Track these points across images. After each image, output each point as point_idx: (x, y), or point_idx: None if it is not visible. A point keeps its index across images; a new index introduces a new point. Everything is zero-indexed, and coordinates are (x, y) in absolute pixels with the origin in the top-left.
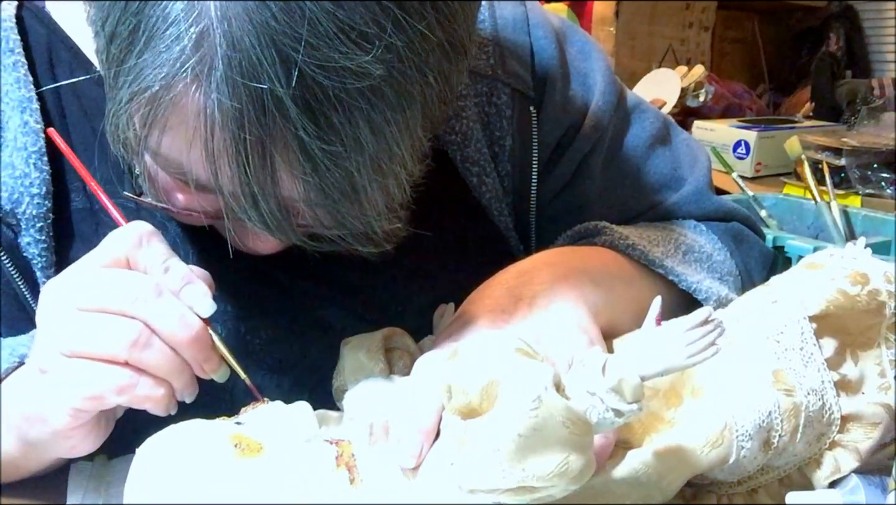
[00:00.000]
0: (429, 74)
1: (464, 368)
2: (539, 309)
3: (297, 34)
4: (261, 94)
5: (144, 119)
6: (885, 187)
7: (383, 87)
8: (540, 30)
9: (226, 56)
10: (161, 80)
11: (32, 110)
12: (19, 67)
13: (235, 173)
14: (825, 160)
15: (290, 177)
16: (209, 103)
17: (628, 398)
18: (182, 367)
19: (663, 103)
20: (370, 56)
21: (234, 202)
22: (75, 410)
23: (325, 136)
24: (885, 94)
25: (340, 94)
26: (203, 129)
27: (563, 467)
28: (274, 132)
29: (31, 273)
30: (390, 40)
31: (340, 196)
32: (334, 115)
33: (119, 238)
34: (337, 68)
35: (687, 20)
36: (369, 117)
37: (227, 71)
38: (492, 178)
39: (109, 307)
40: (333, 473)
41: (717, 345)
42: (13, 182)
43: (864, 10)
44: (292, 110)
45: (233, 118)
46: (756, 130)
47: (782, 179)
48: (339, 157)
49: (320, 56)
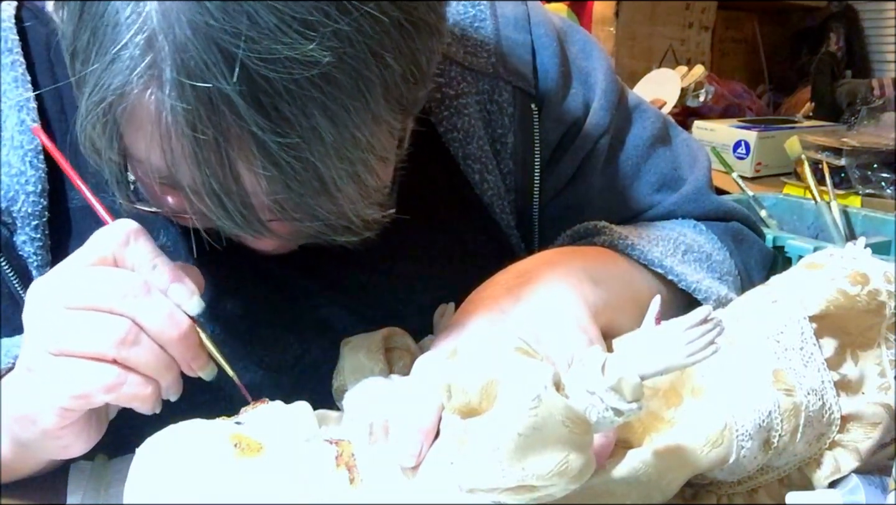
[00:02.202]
0: (386, 57)
1: (463, 367)
2: (539, 309)
3: (236, 30)
4: (208, 93)
5: (105, 128)
6: (885, 187)
7: (335, 74)
8: (541, 28)
9: (172, 60)
10: (114, 89)
11: (30, 109)
12: (17, 67)
13: (196, 174)
14: (825, 160)
15: (250, 173)
16: (162, 108)
17: (628, 397)
18: (170, 364)
19: (663, 103)
20: (315, 44)
21: (199, 203)
22: (62, 410)
23: (280, 128)
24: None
25: (289, 85)
26: (160, 134)
27: (563, 466)
28: (227, 130)
29: (27, 272)
30: (336, 26)
31: (305, 188)
32: (286, 107)
33: (105, 236)
34: (282, 59)
35: (687, 20)
36: (324, 106)
37: (174, 74)
38: (493, 175)
39: (97, 305)
40: (333, 472)
41: (716, 344)
42: (9, 180)
43: (864, 10)
44: (241, 106)
45: (186, 120)
46: (756, 130)
47: (782, 179)
48: (297, 148)
49: (262, 49)
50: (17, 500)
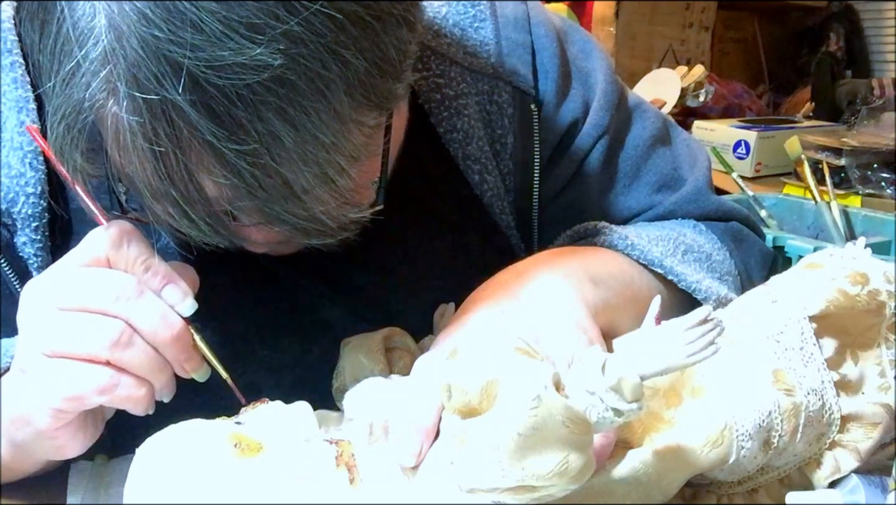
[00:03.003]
0: (345, 53)
1: (463, 367)
2: (539, 309)
3: (182, 39)
4: (162, 104)
5: (69, 143)
6: (885, 187)
7: (288, 76)
8: (541, 28)
9: (123, 74)
10: (74, 105)
11: (29, 110)
12: (17, 68)
13: (158, 187)
14: (825, 160)
15: (212, 182)
16: (119, 122)
17: (628, 398)
18: (163, 366)
19: (663, 103)
20: (262, 47)
21: (165, 214)
22: (56, 411)
23: (235, 136)
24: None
25: (241, 91)
26: (119, 148)
27: (563, 467)
28: (184, 141)
29: (27, 273)
30: (285, 27)
31: (270, 194)
32: (240, 114)
33: (99, 237)
34: (230, 65)
35: (687, 20)
36: (280, 109)
37: (127, 89)
38: (493, 175)
39: (90, 306)
40: (333, 472)
41: (716, 344)
42: (9, 181)
43: (864, 10)
44: (193, 116)
45: (142, 134)
46: (756, 130)
47: (782, 179)
48: (256, 154)
49: (209, 56)
50: (17, 500)
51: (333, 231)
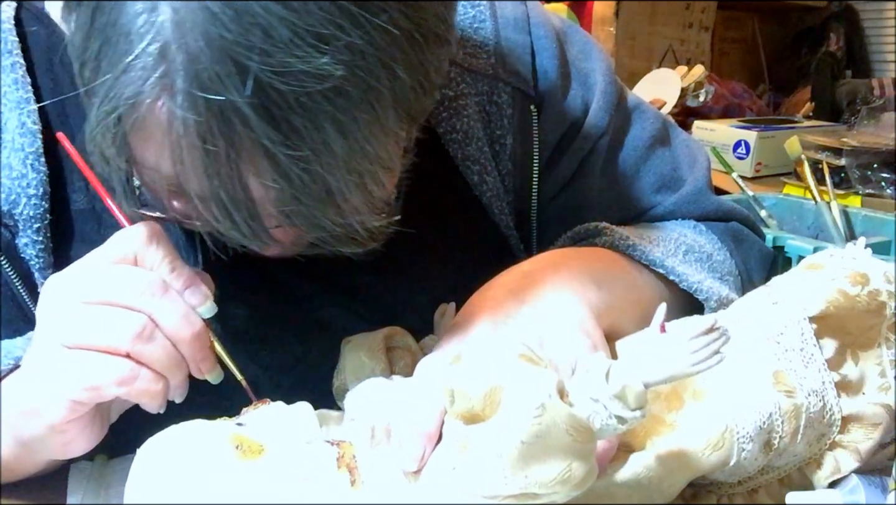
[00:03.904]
0: (396, 68)
1: (467, 372)
2: (542, 311)
3: (250, 43)
4: (220, 105)
5: (115, 138)
6: (885, 187)
7: (346, 87)
8: (541, 29)
9: (184, 71)
10: (126, 99)
11: (30, 111)
12: (17, 69)
13: (206, 185)
14: (825, 160)
15: (260, 185)
16: (173, 119)
17: (632, 405)
18: (180, 364)
19: (663, 103)
20: (328, 57)
21: (207, 212)
22: (73, 403)
23: (290, 141)
24: (885, 94)
25: (301, 98)
26: (170, 144)
27: (566, 474)
28: (238, 142)
29: (29, 274)
30: (349, 39)
31: (313, 200)
32: (297, 120)
33: (127, 236)
34: (294, 73)
35: (687, 20)
36: (335, 119)
37: (186, 86)
38: (492, 176)
39: (114, 300)
40: (334, 474)
41: (721, 353)
42: (10, 183)
43: (864, 10)
44: (253, 119)
45: (196, 132)
46: (756, 130)
47: (782, 179)
48: (307, 161)
49: (276, 62)
50: (17, 500)
51: (364, 240)
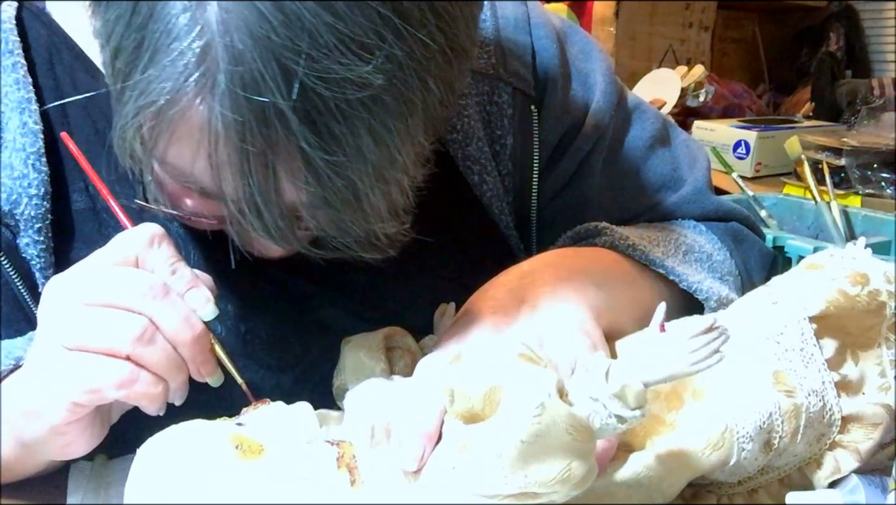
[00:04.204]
0: (430, 81)
1: (467, 372)
2: (541, 311)
3: (297, 47)
4: (262, 106)
5: (150, 132)
6: (885, 187)
7: (384, 96)
8: (541, 30)
9: (228, 70)
10: (166, 94)
11: (31, 111)
12: (18, 69)
13: (239, 184)
14: (825, 160)
15: (293, 187)
16: (213, 116)
17: (631, 404)
18: (181, 366)
19: (663, 103)
20: (370, 66)
21: (238, 212)
22: (73, 404)
23: (327, 146)
24: (885, 94)
25: (341, 104)
26: (207, 142)
27: (566, 474)
28: (276, 144)
29: (30, 274)
30: (391, 50)
31: (343, 204)
32: (335, 126)
33: (129, 238)
34: (338, 79)
35: (687, 20)
36: (370, 126)
37: (229, 85)
38: (492, 176)
39: (115, 302)
40: (334, 474)
41: (721, 352)
42: (12, 183)
43: (864, 10)
44: (294, 122)
45: (236, 131)
46: (756, 130)
47: (782, 179)
48: (341, 166)
49: (321, 68)
50: (17, 500)
51: (383, 246)
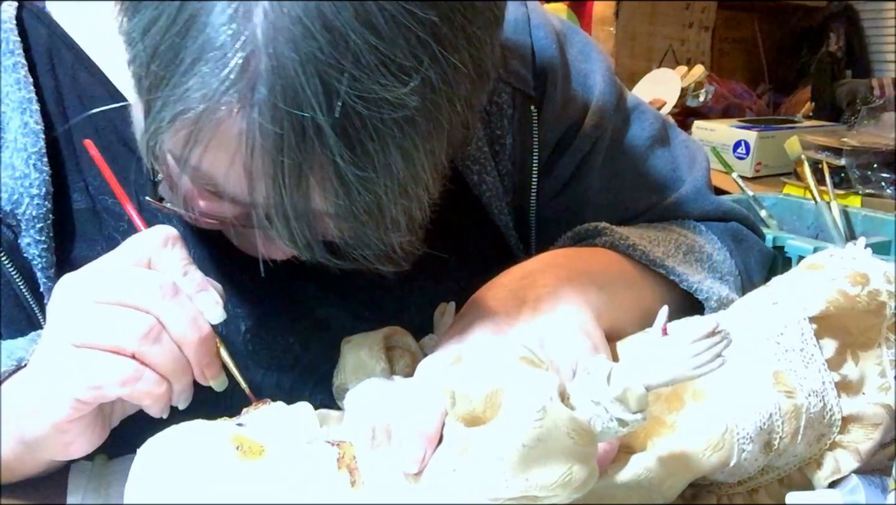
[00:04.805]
0: (457, 104)
1: (468, 374)
2: (543, 312)
3: (341, 66)
4: (302, 120)
5: (186, 138)
6: (885, 187)
7: (416, 117)
8: (541, 30)
9: (270, 82)
10: (205, 101)
11: (32, 111)
12: (19, 69)
13: (271, 193)
14: (825, 160)
15: (323, 199)
16: (251, 126)
17: (633, 408)
18: (185, 368)
19: (663, 103)
20: (407, 88)
21: (266, 219)
22: (76, 401)
23: (360, 162)
24: (885, 94)
25: (377, 123)
26: (243, 151)
27: (567, 478)
28: (311, 157)
29: (31, 274)
30: (426, 73)
31: (367, 217)
32: (369, 143)
33: (143, 240)
34: (376, 99)
35: (687, 20)
36: (401, 145)
37: (270, 97)
38: (492, 176)
39: (125, 301)
40: (334, 475)
41: (723, 357)
42: (13, 183)
43: (864, 10)
44: (331, 137)
45: (273, 142)
46: (756, 130)
47: (782, 179)
48: (371, 181)
49: (362, 87)
50: (17, 500)
51: (399, 259)
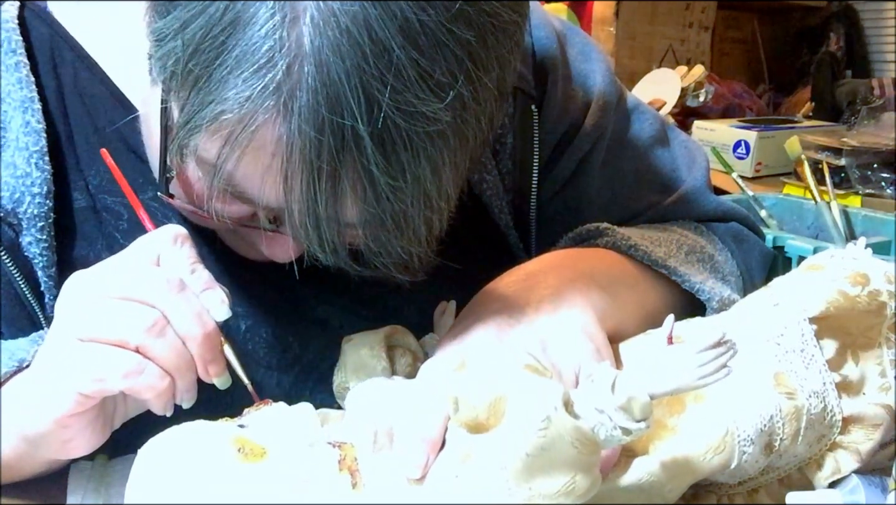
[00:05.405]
0: (482, 121)
1: (472, 381)
2: (545, 314)
3: (384, 77)
4: (342, 128)
5: (223, 140)
6: (885, 187)
7: (447, 131)
8: (542, 30)
9: (313, 88)
10: (247, 104)
11: (34, 110)
12: (21, 68)
13: (305, 198)
14: (825, 160)
15: (354, 205)
16: (290, 130)
17: (637, 416)
18: (189, 364)
19: (663, 103)
20: (443, 104)
21: (299, 223)
22: (79, 395)
23: (392, 172)
24: (885, 94)
25: (413, 135)
26: (281, 154)
27: (570, 487)
28: (348, 164)
29: (32, 273)
30: (461, 90)
31: (393, 225)
32: (403, 154)
33: (153, 238)
34: (413, 112)
35: (687, 20)
36: (431, 157)
37: (312, 103)
38: (492, 175)
39: (131, 295)
40: (336, 476)
41: (728, 367)
42: (14, 182)
43: (864, 10)
44: (369, 147)
45: (312, 147)
46: (756, 130)
47: (782, 179)
48: (400, 191)
49: (402, 100)
50: (17, 500)
51: (416, 269)
